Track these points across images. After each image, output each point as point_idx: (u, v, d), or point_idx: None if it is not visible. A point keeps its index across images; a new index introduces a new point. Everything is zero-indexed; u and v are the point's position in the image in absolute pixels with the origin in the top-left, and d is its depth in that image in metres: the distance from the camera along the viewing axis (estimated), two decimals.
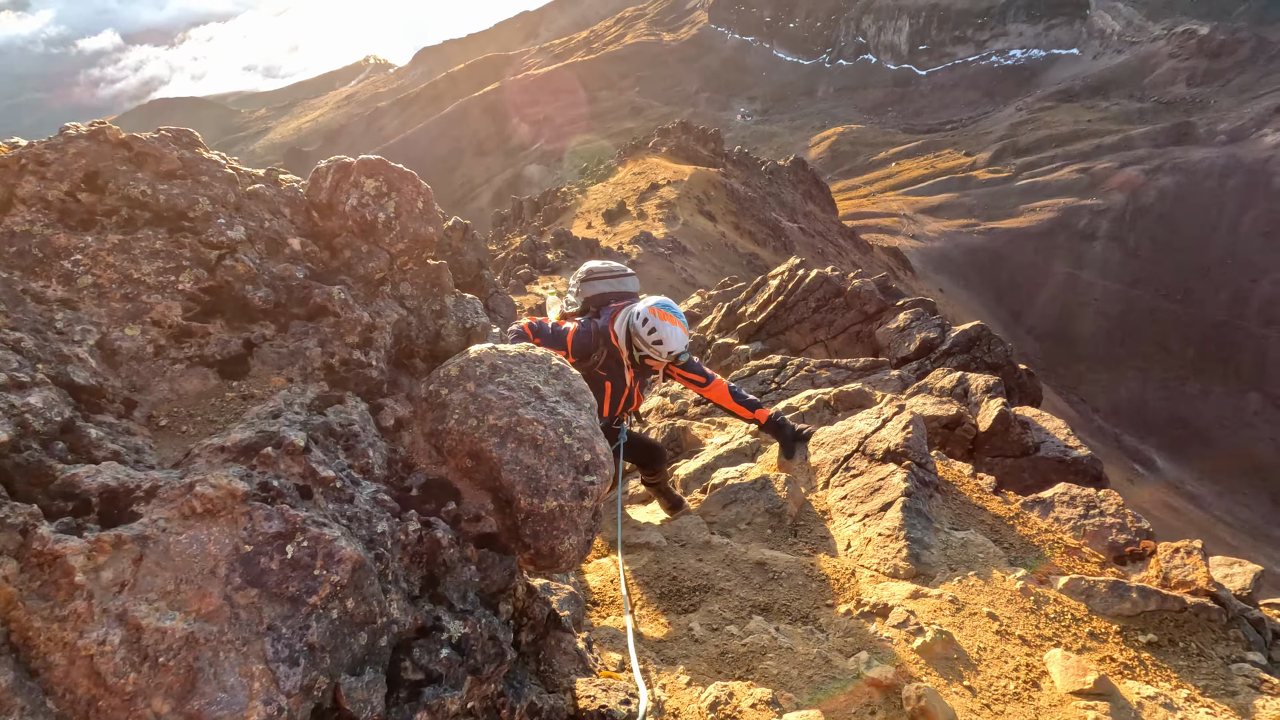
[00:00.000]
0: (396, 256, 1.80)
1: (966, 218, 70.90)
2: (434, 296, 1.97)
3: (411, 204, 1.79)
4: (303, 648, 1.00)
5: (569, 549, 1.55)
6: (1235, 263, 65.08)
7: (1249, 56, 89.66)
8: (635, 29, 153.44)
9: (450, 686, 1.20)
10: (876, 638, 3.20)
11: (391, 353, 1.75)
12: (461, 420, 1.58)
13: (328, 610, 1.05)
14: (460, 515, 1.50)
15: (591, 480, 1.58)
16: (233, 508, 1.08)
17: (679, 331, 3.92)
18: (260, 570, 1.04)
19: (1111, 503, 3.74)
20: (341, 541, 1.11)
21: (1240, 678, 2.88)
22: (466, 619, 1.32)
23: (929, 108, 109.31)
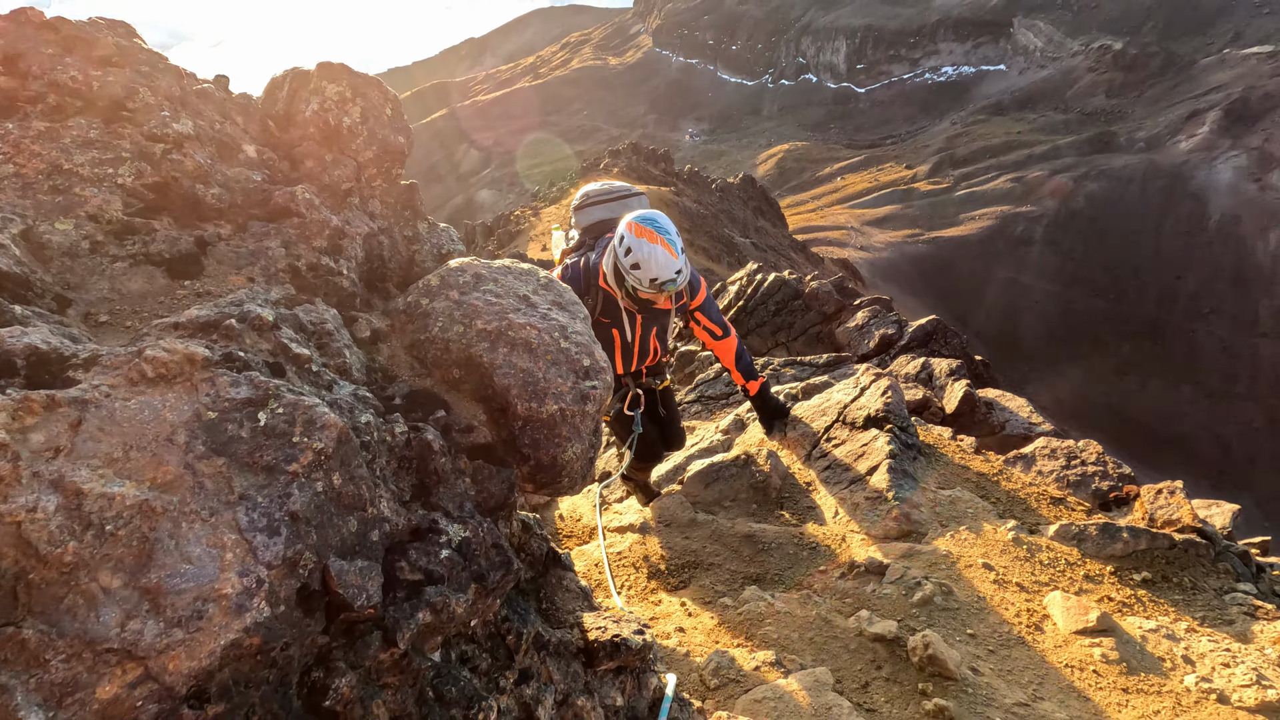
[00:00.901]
0: (364, 167, 1.65)
1: (911, 228, 73.19)
2: (406, 221, 1.82)
3: (379, 110, 1.65)
4: (284, 517, 0.84)
5: (572, 458, 1.41)
6: (1161, 262, 68.62)
7: (1159, 69, 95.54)
8: (581, 54, 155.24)
9: (454, 588, 1.05)
10: (875, 596, 3.11)
11: (363, 270, 1.60)
12: (446, 328, 1.44)
13: (311, 480, 0.89)
14: (450, 425, 1.35)
15: (593, 385, 1.45)
16: (191, 374, 0.92)
17: (661, 253, 3.01)
18: (228, 438, 0.88)
19: (1091, 451, 3.76)
20: (323, 408, 0.95)
21: (1235, 606, 2.87)
22: (466, 523, 1.17)
23: (869, 124, 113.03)
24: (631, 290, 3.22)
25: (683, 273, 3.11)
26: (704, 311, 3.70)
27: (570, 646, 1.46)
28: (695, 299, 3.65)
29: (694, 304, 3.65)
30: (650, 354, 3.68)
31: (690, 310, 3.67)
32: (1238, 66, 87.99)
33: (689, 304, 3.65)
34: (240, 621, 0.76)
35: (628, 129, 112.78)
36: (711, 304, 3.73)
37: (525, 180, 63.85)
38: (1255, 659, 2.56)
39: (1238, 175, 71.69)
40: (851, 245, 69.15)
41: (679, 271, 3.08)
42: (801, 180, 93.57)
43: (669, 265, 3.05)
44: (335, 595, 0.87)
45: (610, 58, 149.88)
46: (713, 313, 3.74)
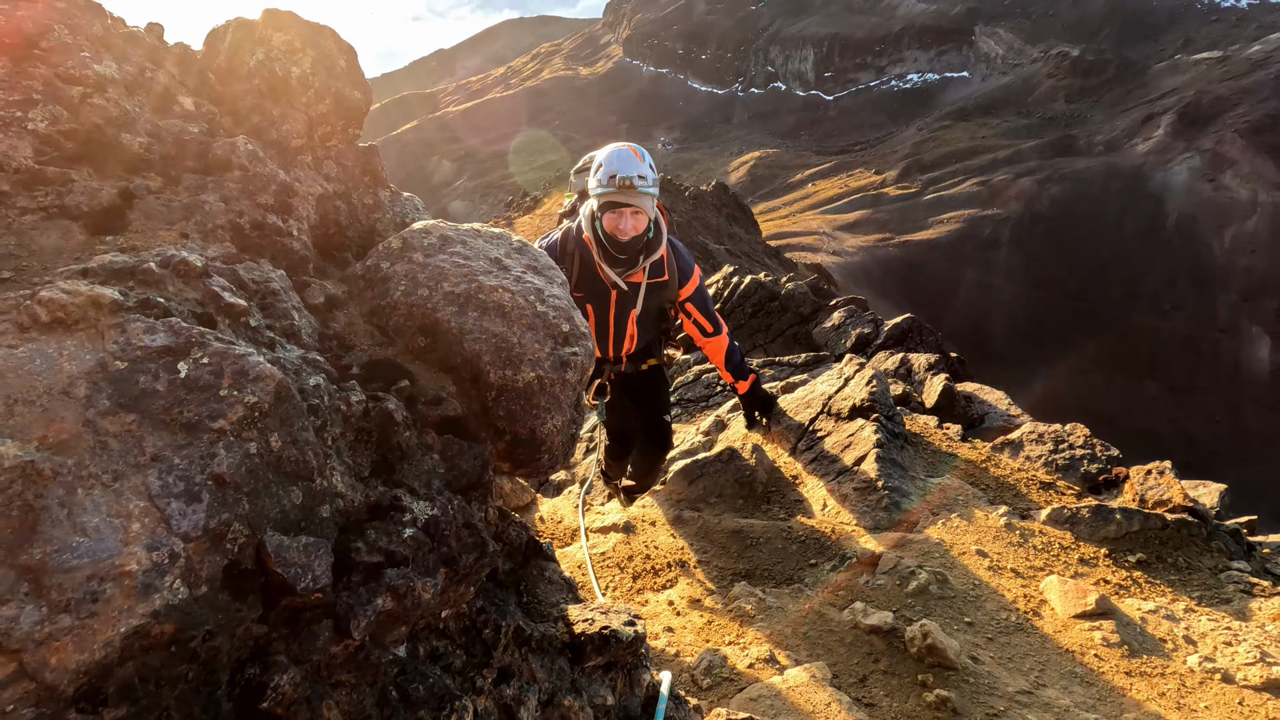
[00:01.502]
0: (317, 123, 1.51)
1: (881, 232, 74.23)
2: (365, 187, 1.68)
3: (332, 61, 1.51)
4: (206, 481, 0.70)
5: (553, 431, 1.28)
6: (1123, 261, 70.43)
7: (1115, 75, 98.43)
8: (552, 64, 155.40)
9: (420, 572, 0.91)
10: (868, 587, 3.01)
11: (317, 234, 1.45)
12: (409, 292, 1.30)
13: (242, 440, 0.75)
14: (416, 396, 1.22)
15: (574, 351, 1.32)
16: (96, 319, 0.77)
17: (625, 152, 2.92)
18: (140, 392, 0.74)
19: (1079, 435, 3.72)
20: (258, 358, 0.81)
21: (1231, 585, 2.82)
22: (434, 500, 1.03)
23: (838, 130, 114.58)
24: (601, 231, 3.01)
25: (648, 178, 2.92)
26: (695, 303, 3.44)
27: (555, 641, 1.32)
28: (686, 287, 3.38)
29: (684, 293, 3.38)
30: (627, 339, 3.44)
31: (680, 301, 3.42)
32: (1189, 71, 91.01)
33: (678, 292, 3.37)
34: (147, 604, 0.61)
35: (600, 138, 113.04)
36: (704, 295, 3.46)
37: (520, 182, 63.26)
38: (1257, 636, 2.51)
39: (1192, 176, 73.98)
40: (824, 250, 69.91)
41: (642, 177, 2.90)
42: (773, 187, 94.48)
43: (632, 163, 2.89)
44: (273, 575, 0.73)
45: (581, 68, 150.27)
46: (705, 305, 3.48)
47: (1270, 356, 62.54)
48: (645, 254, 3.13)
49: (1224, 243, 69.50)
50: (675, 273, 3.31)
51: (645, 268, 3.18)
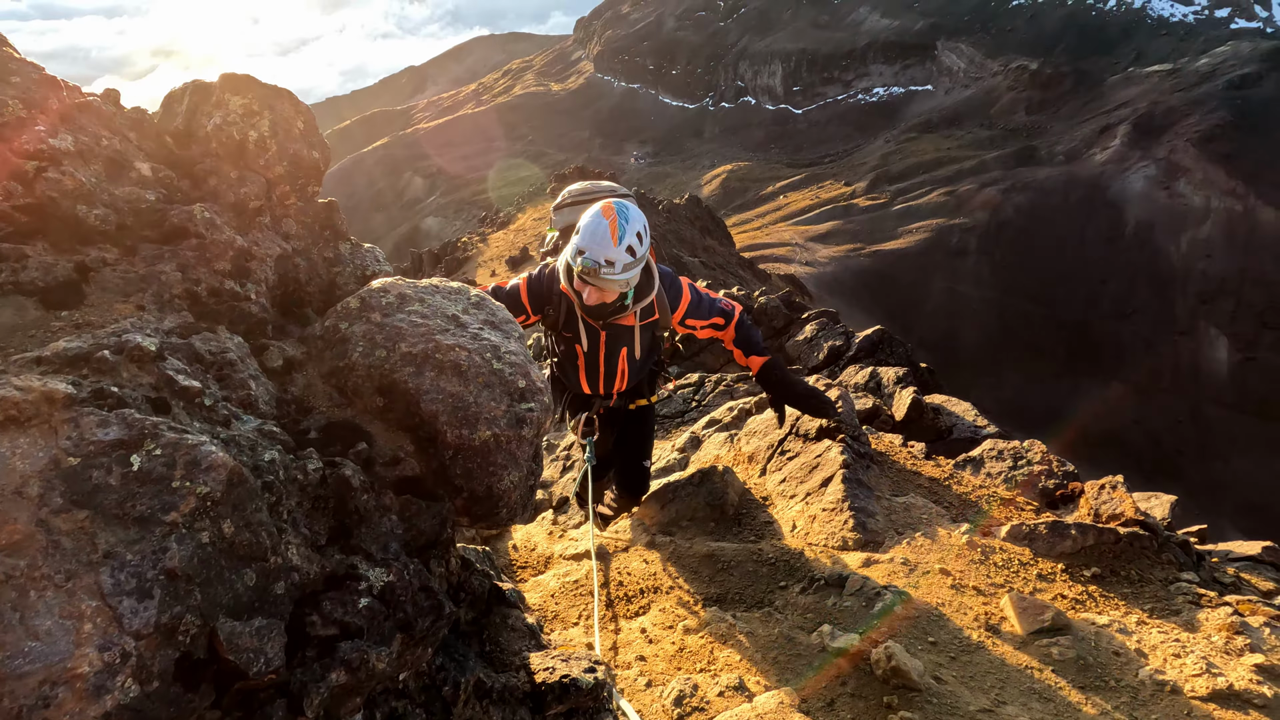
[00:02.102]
0: (275, 184, 1.54)
1: (852, 242, 75.35)
2: (326, 241, 1.71)
3: (289, 123, 1.54)
4: (157, 576, 0.73)
5: (509, 488, 1.32)
6: (1086, 267, 72.29)
7: (1072, 87, 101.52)
8: (524, 80, 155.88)
9: (375, 641, 0.94)
10: (836, 609, 3.07)
11: (276, 294, 1.48)
12: (367, 353, 1.33)
13: (194, 531, 0.78)
14: (374, 458, 1.24)
15: (530, 407, 1.36)
16: (50, 415, 0.80)
17: (603, 227, 2.65)
18: (92, 487, 0.76)
19: (1036, 451, 3.83)
20: (211, 447, 0.84)
21: (1180, 596, 2.93)
22: (390, 566, 1.06)
23: (808, 143, 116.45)
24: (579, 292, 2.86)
25: (616, 265, 2.68)
26: (694, 315, 3.26)
27: (516, 692, 1.35)
28: (677, 312, 3.22)
29: (677, 316, 3.23)
30: (619, 377, 3.33)
31: (680, 320, 3.26)
32: (1142, 84, 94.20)
33: (670, 319, 3.22)
34: (98, 707, 0.64)
35: (573, 153, 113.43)
36: (701, 303, 3.26)
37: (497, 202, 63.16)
38: (1203, 647, 2.61)
39: (1149, 184, 76.38)
40: (797, 261, 70.74)
41: (611, 263, 2.66)
42: (745, 199, 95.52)
43: (604, 245, 2.65)
44: (226, 663, 0.75)
45: (553, 83, 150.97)
46: (704, 309, 3.27)
47: (1228, 357, 64.49)
48: (634, 301, 3.01)
49: (1181, 248, 71.76)
50: (664, 306, 3.19)
51: (636, 311, 3.08)
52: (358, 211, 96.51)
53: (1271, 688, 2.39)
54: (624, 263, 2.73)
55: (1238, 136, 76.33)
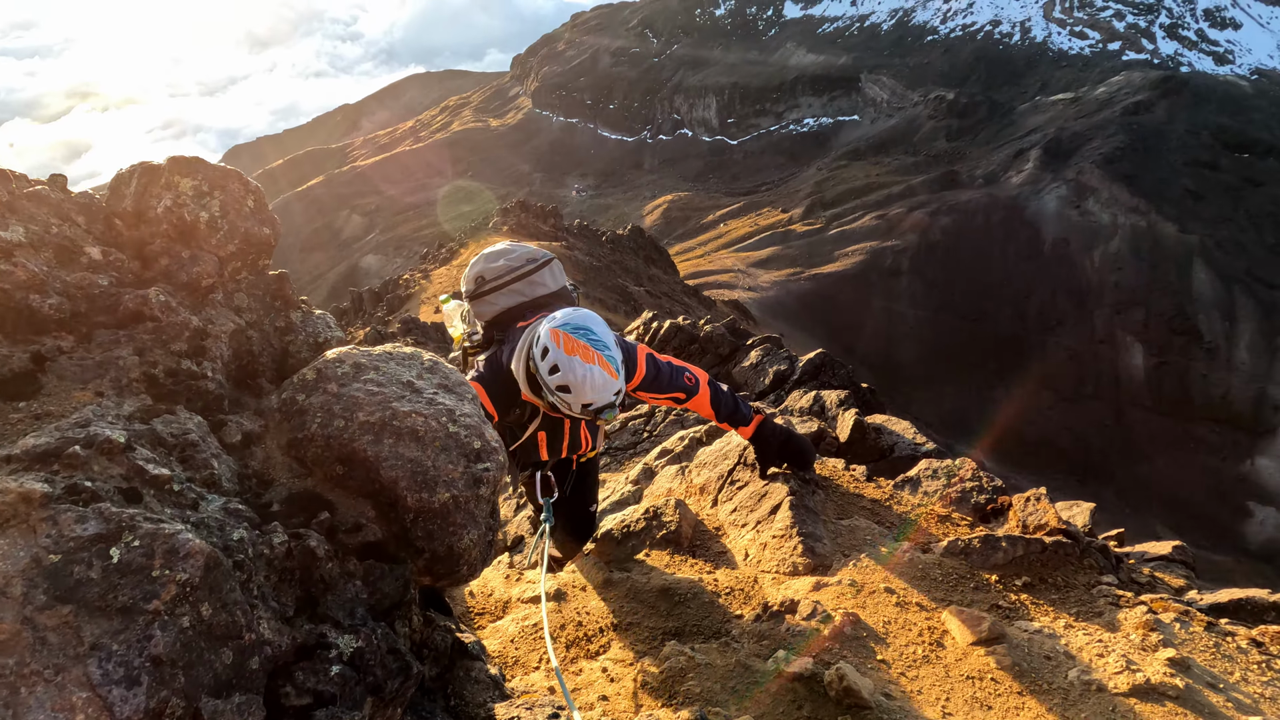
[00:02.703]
0: (227, 261, 1.58)
1: (792, 267, 77.57)
2: (277, 312, 1.75)
3: (239, 202, 1.60)
4: (144, 663, 0.77)
5: (469, 545, 1.38)
6: (1011, 282, 76.17)
7: (987, 115, 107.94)
8: (461, 117, 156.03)
9: (347, 706, 1.00)
10: (789, 634, 3.18)
11: (231, 369, 1.52)
12: (325, 424, 1.39)
13: (175, 617, 0.83)
14: (336, 526, 1.30)
15: (486, 467, 1.43)
16: (28, 514, 0.84)
17: (598, 374, 2.46)
18: (74, 582, 0.80)
19: (967, 468, 4.07)
20: (187, 534, 0.89)
21: (1102, 598, 3.16)
22: (358, 632, 1.12)
23: (744, 172, 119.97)
24: (548, 399, 2.69)
25: (621, 390, 2.59)
26: (648, 389, 3.11)
27: None
28: (633, 380, 3.01)
29: (633, 384, 3.03)
30: (582, 444, 3.31)
31: (632, 391, 3.10)
32: (1048, 111, 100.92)
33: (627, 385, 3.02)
34: None
35: (514, 187, 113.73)
36: (659, 376, 3.10)
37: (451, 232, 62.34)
38: (1123, 646, 2.82)
39: (1061, 204, 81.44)
40: (740, 286, 72.28)
41: (618, 392, 2.56)
42: (687, 228, 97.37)
43: (607, 388, 2.49)
44: None
45: (491, 119, 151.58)
46: (664, 381, 3.12)
47: (1144, 362, 68.65)
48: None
49: (1094, 262, 76.48)
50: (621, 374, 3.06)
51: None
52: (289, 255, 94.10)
53: (1183, 679, 2.61)
54: (622, 381, 2.61)
55: (1136, 158, 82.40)
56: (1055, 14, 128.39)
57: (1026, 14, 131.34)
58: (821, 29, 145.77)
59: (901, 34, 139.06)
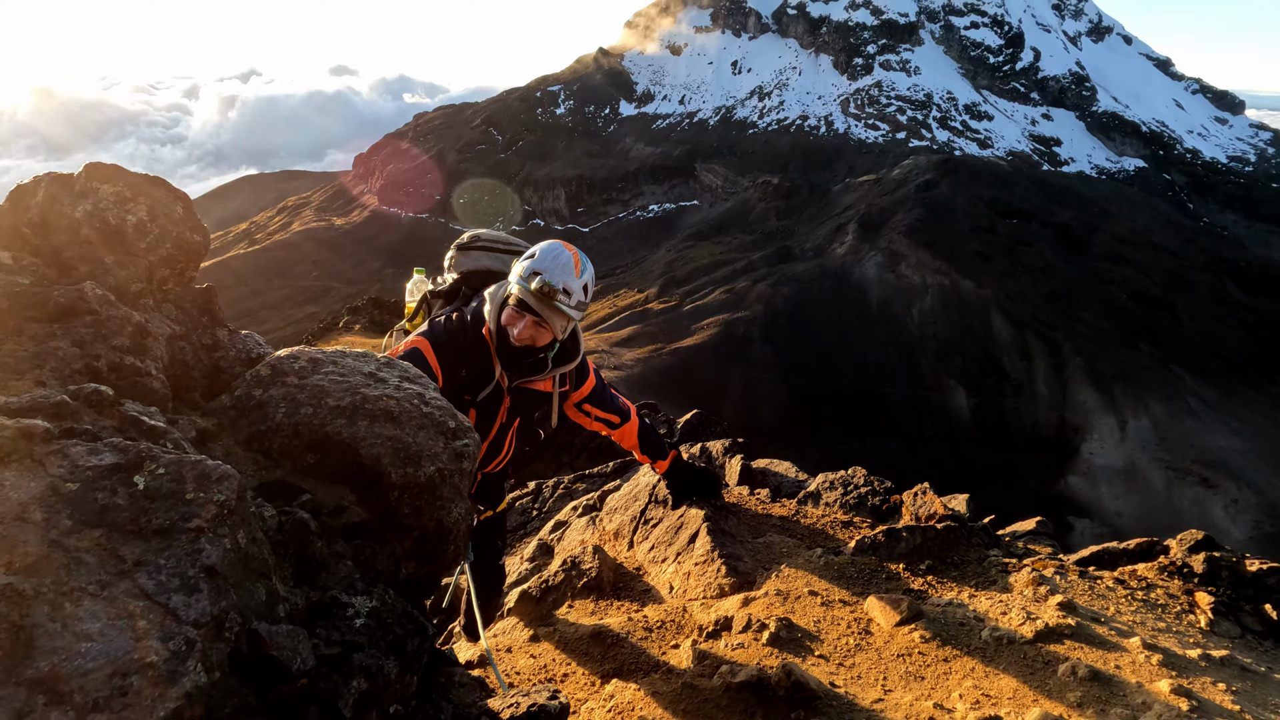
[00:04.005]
0: (156, 267, 1.50)
1: (653, 343, 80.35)
2: (204, 328, 1.66)
3: (168, 207, 1.53)
4: (198, 574, 0.71)
5: (458, 520, 1.36)
6: (848, 343, 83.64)
7: (808, 196, 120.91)
8: (302, 217, 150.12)
9: (378, 653, 0.95)
10: (729, 649, 3.20)
11: (169, 373, 1.42)
12: (291, 413, 1.34)
13: (219, 536, 0.77)
14: (319, 508, 1.23)
15: (465, 443, 1.43)
16: (30, 449, 0.76)
17: (566, 258, 2.55)
18: (100, 507, 0.73)
19: (859, 475, 4.40)
20: (213, 460, 0.84)
21: (993, 568, 3.50)
22: (370, 593, 1.07)
23: (599, 257, 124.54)
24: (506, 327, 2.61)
25: (573, 297, 2.55)
26: (595, 403, 3.19)
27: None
28: (582, 388, 3.12)
29: (580, 394, 3.12)
30: (504, 450, 3.11)
31: (578, 403, 3.17)
32: (858, 190, 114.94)
33: (572, 392, 3.11)
34: (177, 689, 0.61)
35: (365, 284, 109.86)
36: (604, 394, 3.23)
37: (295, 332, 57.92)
38: (1020, 601, 3.13)
39: (880, 269, 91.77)
40: (606, 366, 73.49)
41: (568, 292, 2.53)
42: None
43: (567, 271, 2.52)
44: (268, 660, 0.74)
45: (335, 218, 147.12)
46: (607, 400, 3.25)
47: (966, 402, 77.19)
48: (557, 361, 2.85)
49: (914, 318, 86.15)
50: (575, 381, 3.09)
51: (555, 377, 2.92)
52: None
53: (1073, 618, 2.94)
54: (579, 300, 2.60)
55: (932, 227, 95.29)
56: (851, 110, 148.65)
57: (828, 110, 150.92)
58: (656, 125, 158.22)
59: (726, 128, 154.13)
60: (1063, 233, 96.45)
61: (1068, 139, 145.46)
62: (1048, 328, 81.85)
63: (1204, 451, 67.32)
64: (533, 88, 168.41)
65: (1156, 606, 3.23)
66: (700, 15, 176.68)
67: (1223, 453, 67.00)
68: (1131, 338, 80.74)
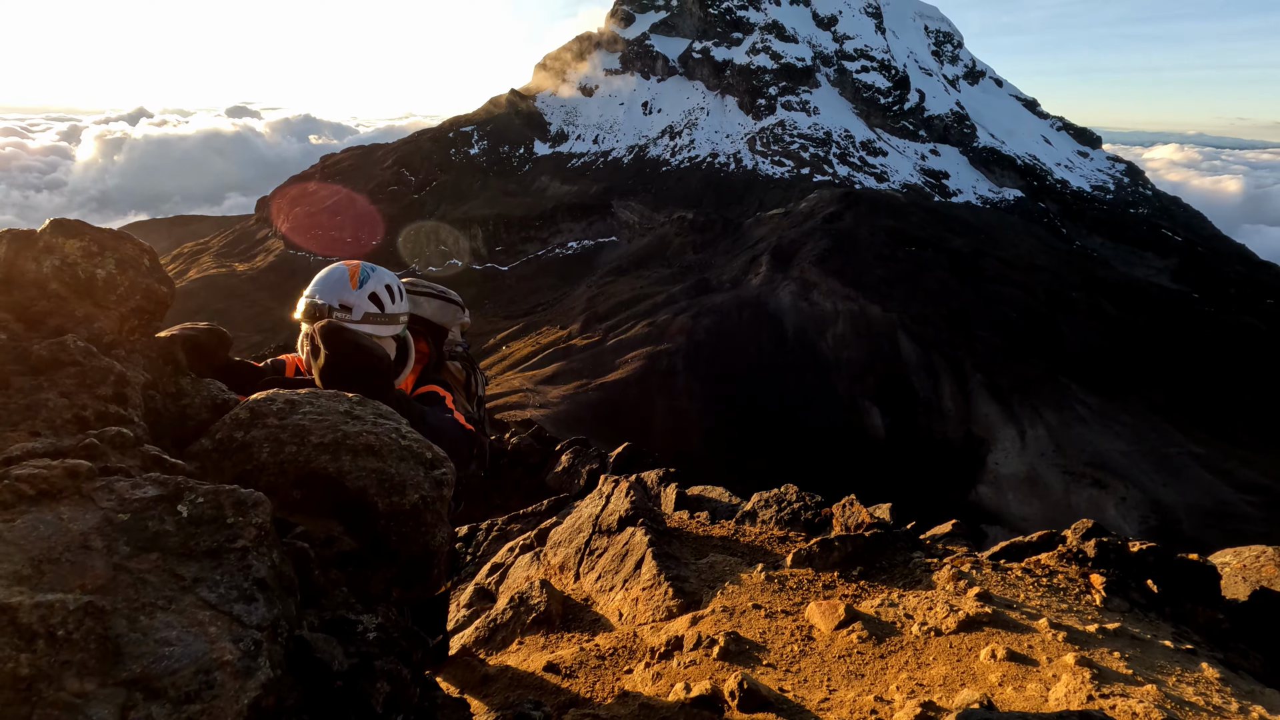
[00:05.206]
0: (126, 318, 1.53)
1: (578, 380, 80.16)
2: (168, 377, 1.69)
3: (136, 260, 1.57)
4: (251, 586, 0.79)
5: (442, 543, 1.45)
6: (768, 369, 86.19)
7: (722, 230, 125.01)
8: (200, 263, 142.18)
9: (395, 659, 1.04)
10: (682, 668, 3.31)
11: (148, 422, 1.46)
12: (276, 451, 1.40)
13: (261, 554, 0.85)
14: (310, 540, 1.31)
15: (443, 472, 1.53)
16: (78, 486, 0.83)
17: (337, 269, 2.32)
18: (153, 534, 0.81)
19: (791, 492, 4.64)
20: (246, 490, 0.92)
21: (918, 568, 3.78)
22: (375, 611, 1.16)
23: (519, 295, 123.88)
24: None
25: (354, 313, 2.25)
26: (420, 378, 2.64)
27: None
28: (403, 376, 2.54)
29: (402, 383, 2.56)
30: None
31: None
32: (769, 224, 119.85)
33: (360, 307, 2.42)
34: (253, 681, 0.70)
35: (272, 333, 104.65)
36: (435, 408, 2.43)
37: None
38: (943, 596, 3.41)
39: (793, 298, 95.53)
40: (531, 405, 72.61)
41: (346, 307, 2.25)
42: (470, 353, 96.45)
43: (337, 287, 2.27)
44: (314, 662, 0.82)
45: (237, 264, 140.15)
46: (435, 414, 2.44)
47: (882, 422, 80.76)
48: None
49: (829, 343, 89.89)
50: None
51: None
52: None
53: (990, 606, 3.23)
54: (366, 311, 2.29)
55: (839, 256, 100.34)
56: (757, 147, 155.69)
57: (736, 148, 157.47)
58: (571, 164, 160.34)
59: (640, 166, 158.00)
60: (956, 258, 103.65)
61: (954, 172, 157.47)
62: (950, 347, 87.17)
63: (1094, 455, 72.95)
64: (445, 128, 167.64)
65: (1059, 590, 3.59)
66: (610, 59, 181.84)
67: (1110, 455, 72.82)
68: (1023, 353, 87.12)
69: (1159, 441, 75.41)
